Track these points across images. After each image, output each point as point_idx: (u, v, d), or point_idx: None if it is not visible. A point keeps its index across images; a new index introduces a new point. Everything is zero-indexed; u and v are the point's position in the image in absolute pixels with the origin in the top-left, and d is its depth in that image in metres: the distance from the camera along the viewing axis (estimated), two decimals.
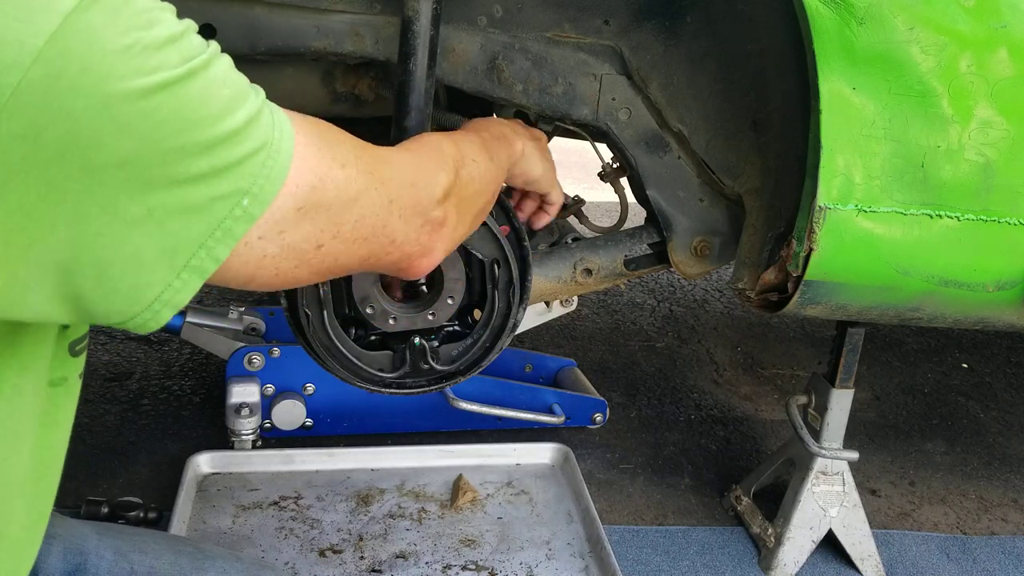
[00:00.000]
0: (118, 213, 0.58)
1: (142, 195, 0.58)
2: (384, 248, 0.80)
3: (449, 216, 0.88)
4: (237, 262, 0.65)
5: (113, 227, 0.58)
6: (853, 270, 1.32)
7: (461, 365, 1.26)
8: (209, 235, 0.62)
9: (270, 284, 0.71)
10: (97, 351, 2.39)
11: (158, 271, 0.61)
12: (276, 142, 0.65)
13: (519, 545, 1.71)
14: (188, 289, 0.63)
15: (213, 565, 1.01)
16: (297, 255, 0.70)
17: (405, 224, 0.81)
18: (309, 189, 0.68)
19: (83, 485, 1.84)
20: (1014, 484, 2.21)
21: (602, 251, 1.58)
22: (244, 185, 0.62)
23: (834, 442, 1.74)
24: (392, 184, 0.79)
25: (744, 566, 1.80)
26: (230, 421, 1.85)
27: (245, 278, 0.68)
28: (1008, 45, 1.21)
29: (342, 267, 0.77)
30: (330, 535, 1.70)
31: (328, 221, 0.71)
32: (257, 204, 0.63)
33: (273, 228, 0.66)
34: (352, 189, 0.73)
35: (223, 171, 0.61)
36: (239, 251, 0.64)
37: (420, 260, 0.87)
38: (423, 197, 0.84)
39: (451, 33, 1.40)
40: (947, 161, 1.25)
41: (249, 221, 0.64)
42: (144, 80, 0.56)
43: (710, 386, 2.55)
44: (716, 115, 1.49)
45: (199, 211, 0.60)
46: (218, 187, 0.61)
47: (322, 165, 0.70)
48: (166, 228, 0.60)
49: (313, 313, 1.18)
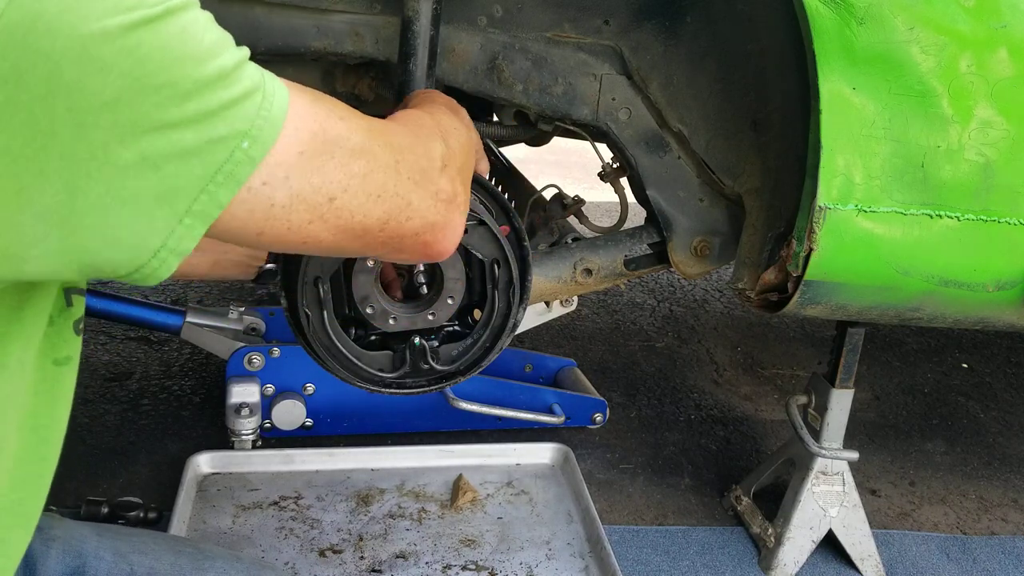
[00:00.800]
0: (109, 158, 0.57)
1: (133, 139, 0.57)
2: (403, 211, 0.78)
3: (457, 187, 0.87)
4: (243, 210, 0.64)
5: (105, 172, 0.57)
6: (853, 270, 1.32)
7: (461, 365, 1.26)
8: (210, 179, 0.61)
9: (285, 241, 0.69)
10: (97, 351, 2.39)
11: (159, 217, 0.60)
12: (270, 88, 0.64)
13: (519, 545, 1.71)
14: (192, 235, 0.62)
15: (213, 565, 1.01)
16: (308, 207, 0.68)
17: (418, 188, 0.79)
18: (310, 134, 0.67)
19: (83, 485, 1.84)
20: (1014, 484, 2.21)
21: (602, 251, 1.58)
22: (243, 127, 0.62)
23: (834, 442, 1.74)
24: (394, 147, 0.78)
25: (744, 566, 1.80)
26: (230, 421, 1.85)
27: (255, 231, 0.67)
28: (1008, 45, 1.21)
29: (362, 228, 0.74)
30: (330, 535, 1.69)
31: (335, 170, 0.69)
32: (258, 146, 0.63)
33: (277, 173, 0.65)
34: (355, 140, 0.72)
35: (216, 113, 0.60)
36: (244, 197, 0.63)
37: (444, 232, 0.84)
38: (425, 164, 0.82)
39: (451, 33, 1.40)
40: (947, 161, 1.25)
41: (251, 164, 0.62)
42: (122, 18, 0.55)
43: (710, 386, 2.55)
44: (716, 115, 1.49)
45: (196, 154, 0.60)
46: (214, 129, 0.60)
47: (321, 113, 0.69)
48: (163, 173, 0.59)
49: (313, 313, 1.18)
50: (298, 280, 1.16)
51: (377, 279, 1.19)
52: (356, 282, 1.18)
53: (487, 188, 1.20)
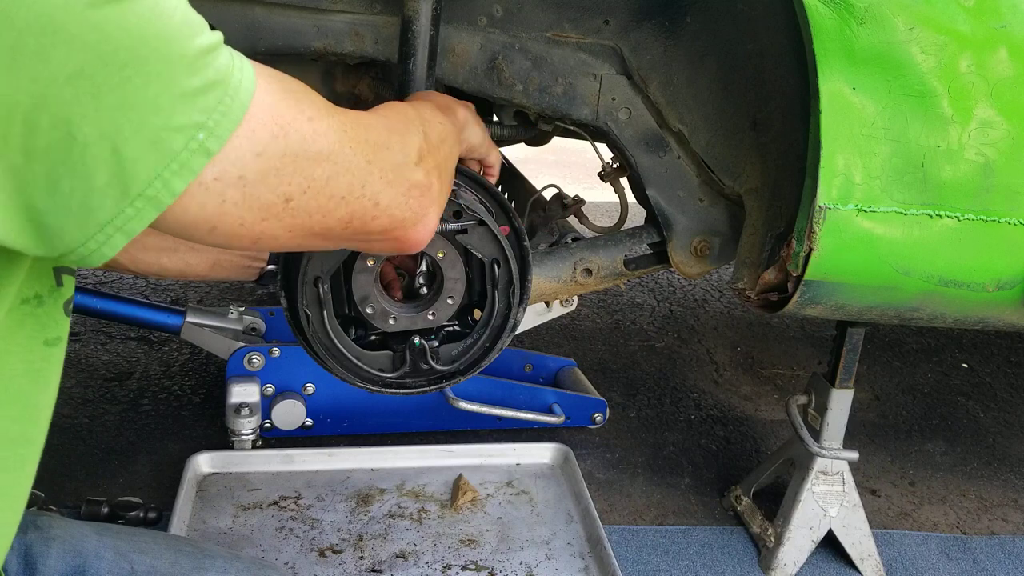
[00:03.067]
0: (70, 131, 0.57)
1: (95, 114, 0.57)
2: (368, 211, 0.77)
3: (432, 179, 0.86)
4: (195, 204, 0.64)
5: (63, 145, 0.57)
6: (853, 270, 1.32)
7: (461, 365, 1.26)
8: (165, 166, 0.61)
9: (238, 236, 0.69)
10: (97, 351, 2.39)
11: (111, 196, 0.60)
12: (236, 81, 0.63)
13: (519, 545, 1.71)
14: (141, 218, 0.62)
15: (213, 565, 1.01)
16: (262, 207, 0.68)
17: (389, 187, 0.79)
18: (269, 136, 0.66)
19: (83, 485, 1.84)
20: (1014, 484, 2.21)
21: (602, 251, 1.58)
22: (200, 119, 0.61)
23: (834, 442, 1.74)
24: (367, 145, 0.77)
25: (744, 566, 1.80)
26: (230, 421, 1.85)
27: (207, 226, 0.66)
28: (1008, 45, 1.21)
29: (322, 228, 0.74)
30: (330, 535, 1.70)
31: (295, 173, 0.69)
32: (213, 140, 0.62)
33: (230, 170, 0.64)
34: (320, 143, 0.71)
35: (179, 100, 0.60)
36: (195, 191, 0.63)
37: (416, 228, 0.84)
38: (400, 159, 0.82)
39: (451, 33, 1.40)
40: (947, 161, 1.25)
41: (206, 156, 0.62)
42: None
43: (710, 386, 2.55)
44: (716, 115, 1.49)
45: (155, 141, 0.60)
46: (173, 118, 0.60)
47: (286, 114, 0.68)
48: (120, 153, 0.59)
49: (313, 313, 1.18)
50: (298, 280, 1.16)
51: (377, 279, 1.19)
52: (356, 282, 1.18)
53: (487, 188, 1.20)
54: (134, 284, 2.82)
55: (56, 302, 0.78)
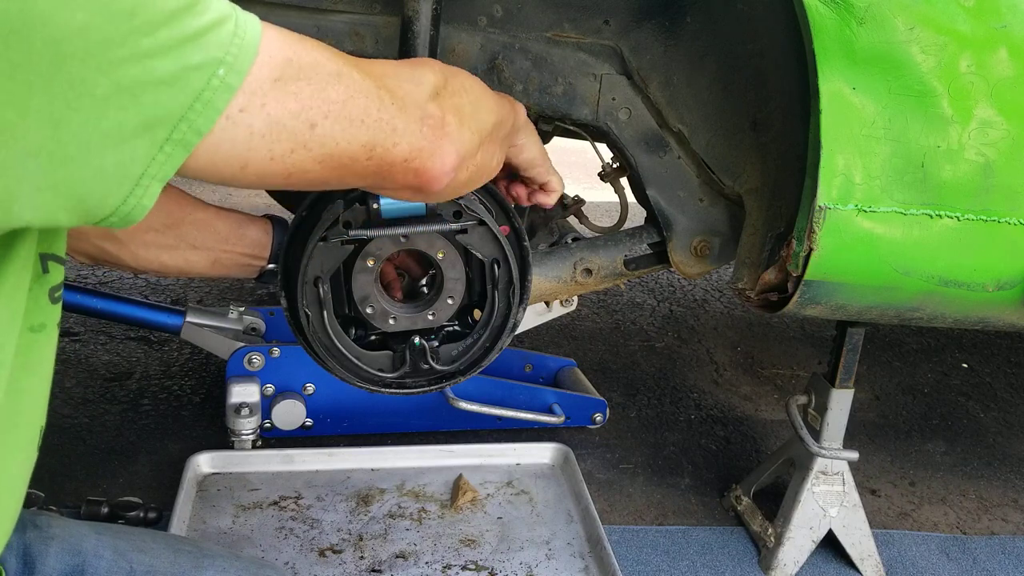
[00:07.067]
0: (87, 88, 0.58)
1: (110, 67, 0.58)
2: (388, 136, 0.77)
3: (447, 116, 0.84)
4: (224, 140, 0.65)
5: (84, 102, 0.58)
6: (853, 270, 1.32)
7: (461, 365, 1.26)
8: (188, 107, 0.62)
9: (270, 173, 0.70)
10: (97, 351, 2.39)
11: (140, 146, 0.61)
12: (242, 17, 0.65)
13: (519, 545, 1.71)
14: (172, 162, 0.63)
15: (213, 564, 1.01)
16: (290, 135, 0.69)
17: (402, 112, 0.78)
18: (284, 60, 0.67)
19: (83, 485, 1.84)
20: (1014, 484, 2.21)
21: (602, 251, 1.58)
22: (218, 54, 0.62)
23: (834, 442, 1.74)
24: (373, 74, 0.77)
25: (744, 566, 1.80)
26: (230, 421, 1.85)
27: (238, 163, 0.67)
28: (1008, 45, 1.21)
29: (348, 156, 0.74)
30: (330, 535, 1.69)
31: (313, 96, 0.70)
32: (233, 74, 0.63)
33: (253, 99, 0.65)
34: (330, 66, 0.72)
35: (190, 40, 0.61)
36: (223, 126, 0.64)
37: (433, 161, 0.82)
38: (411, 88, 0.81)
39: (451, 33, 1.40)
40: (947, 161, 1.25)
41: (228, 91, 0.63)
42: None
43: (710, 386, 2.55)
44: (716, 115, 1.49)
45: (173, 83, 0.61)
46: (189, 57, 0.61)
47: (293, 42, 0.69)
48: (141, 102, 0.60)
49: (313, 313, 1.18)
50: (298, 280, 1.16)
51: (377, 279, 1.19)
52: (356, 282, 1.18)
53: (487, 188, 1.20)
54: (134, 284, 2.82)
55: (42, 288, 0.78)
